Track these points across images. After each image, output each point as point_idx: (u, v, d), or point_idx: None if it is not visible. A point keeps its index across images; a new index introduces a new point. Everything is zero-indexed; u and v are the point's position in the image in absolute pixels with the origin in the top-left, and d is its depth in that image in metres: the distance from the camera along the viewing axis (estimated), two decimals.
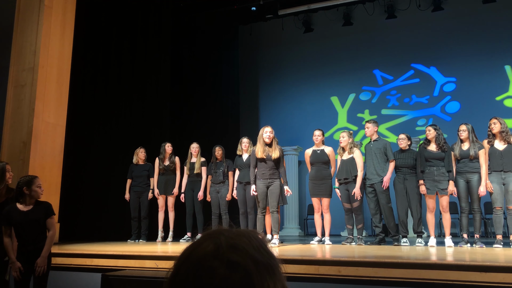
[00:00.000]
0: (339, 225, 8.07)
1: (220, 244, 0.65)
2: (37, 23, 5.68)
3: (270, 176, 5.13)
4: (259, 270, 0.63)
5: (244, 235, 0.68)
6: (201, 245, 0.66)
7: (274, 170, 5.15)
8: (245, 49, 10.59)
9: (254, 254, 0.65)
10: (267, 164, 5.13)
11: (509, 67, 8.89)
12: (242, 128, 9.72)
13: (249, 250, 0.65)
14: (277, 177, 5.15)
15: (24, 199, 3.27)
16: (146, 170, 6.57)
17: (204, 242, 0.66)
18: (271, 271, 0.65)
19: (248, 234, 0.69)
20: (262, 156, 5.11)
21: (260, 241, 0.68)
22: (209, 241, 0.66)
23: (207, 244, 0.65)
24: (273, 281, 0.64)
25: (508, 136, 5.06)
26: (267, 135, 5.12)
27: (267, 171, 5.13)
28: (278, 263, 0.68)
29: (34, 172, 4.80)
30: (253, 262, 0.63)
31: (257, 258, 0.64)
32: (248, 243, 0.66)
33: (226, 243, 0.65)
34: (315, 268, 3.38)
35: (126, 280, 3.36)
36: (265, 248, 0.68)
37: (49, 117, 5.68)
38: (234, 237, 0.67)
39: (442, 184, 5.20)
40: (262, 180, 5.15)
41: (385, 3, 9.58)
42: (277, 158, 5.11)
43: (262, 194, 5.15)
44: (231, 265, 0.62)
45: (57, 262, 4.12)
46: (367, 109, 9.84)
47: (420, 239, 5.37)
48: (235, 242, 0.65)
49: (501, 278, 2.88)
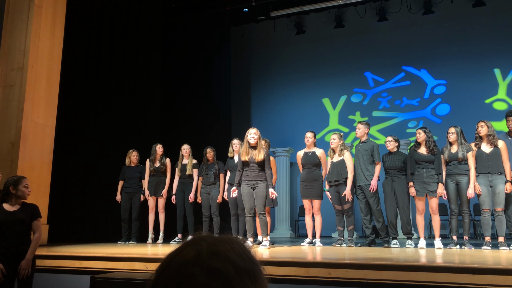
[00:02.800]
0: (330, 227, 8.10)
1: (201, 250, 0.64)
2: (27, 23, 5.63)
3: (254, 178, 5.06)
4: (240, 276, 0.62)
5: (226, 242, 0.67)
6: (182, 252, 0.65)
7: (259, 172, 5.06)
8: (237, 50, 10.58)
9: (235, 260, 0.64)
10: (251, 167, 5.08)
11: (498, 70, 8.99)
12: (234, 129, 9.71)
13: (231, 256, 0.64)
14: (263, 179, 5.07)
15: (11, 198, 3.24)
16: (139, 172, 6.54)
17: (185, 249, 0.65)
18: (253, 277, 0.64)
19: (231, 240, 0.68)
20: (245, 158, 5.07)
21: (242, 247, 0.68)
22: (190, 247, 0.65)
23: (188, 251, 0.64)
24: (255, 287, 0.64)
25: (495, 139, 5.11)
26: (251, 137, 5.06)
27: (251, 174, 5.07)
28: (261, 269, 0.67)
29: (23, 173, 4.74)
30: (234, 268, 0.62)
31: (239, 264, 0.63)
32: (230, 249, 0.65)
33: (207, 250, 0.64)
34: (305, 270, 3.38)
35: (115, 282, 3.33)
36: (248, 254, 0.67)
37: (38, 117, 5.63)
38: (215, 243, 0.66)
39: (431, 186, 5.24)
40: (246, 182, 5.10)
41: (376, 5, 9.64)
42: (261, 161, 5.03)
43: (247, 195, 5.10)
44: (212, 272, 0.61)
45: (45, 264, 4.07)
46: (359, 111, 9.88)
47: (410, 240, 5.40)
48: (216, 249, 0.64)
49: (490, 280, 2.91)
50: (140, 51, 8.07)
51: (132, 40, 8.00)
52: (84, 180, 6.95)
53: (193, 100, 9.12)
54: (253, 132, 5.09)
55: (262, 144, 5.15)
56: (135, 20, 8.11)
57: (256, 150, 5.05)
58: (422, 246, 5.13)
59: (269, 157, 5.22)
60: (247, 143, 5.08)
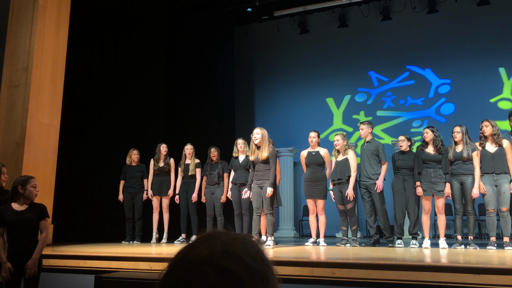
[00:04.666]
0: (334, 227, 8.08)
1: (215, 249, 0.63)
2: (31, 23, 5.65)
3: (261, 177, 5.15)
4: (252, 279, 0.61)
5: (240, 241, 0.65)
6: (195, 249, 0.64)
7: (266, 171, 5.14)
8: (241, 50, 10.58)
9: (249, 262, 0.62)
10: (258, 166, 5.19)
11: (503, 69, 8.94)
12: (237, 129, 9.70)
13: (244, 257, 0.63)
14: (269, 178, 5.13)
15: (19, 198, 3.27)
16: (140, 171, 6.55)
17: (199, 246, 0.64)
18: (265, 281, 0.63)
19: (245, 240, 0.66)
20: (252, 158, 5.21)
21: (257, 249, 0.66)
22: (204, 245, 0.64)
23: (201, 249, 0.63)
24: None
25: (500, 138, 5.09)
26: (254, 137, 5.16)
27: (258, 173, 5.17)
28: (274, 273, 0.66)
29: (28, 173, 4.76)
30: (247, 270, 0.61)
31: (252, 266, 0.62)
32: (244, 249, 0.64)
33: (221, 249, 0.63)
34: (309, 270, 3.37)
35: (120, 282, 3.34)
36: (262, 256, 0.66)
37: (43, 117, 5.65)
38: (229, 242, 0.64)
39: (438, 186, 5.22)
40: (254, 181, 5.22)
41: (380, 5, 9.61)
42: (265, 159, 5.10)
43: (255, 194, 5.18)
44: (224, 272, 0.60)
45: (50, 264, 4.09)
46: (363, 111, 9.86)
47: (415, 240, 5.38)
48: (230, 248, 0.63)
49: (495, 280, 2.89)
50: (144, 51, 8.08)
51: (136, 40, 8.01)
52: (89, 179, 6.97)
53: (197, 100, 9.13)
54: (256, 132, 5.14)
55: (267, 142, 5.17)
56: (139, 20, 8.13)
57: (260, 149, 5.12)
58: (427, 246, 5.11)
59: (274, 155, 5.23)
60: (253, 143, 5.17)
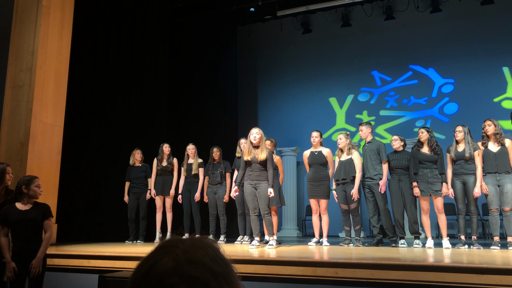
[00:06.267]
0: (337, 226, 8.08)
1: (178, 258, 0.65)
2: (35, 24, 5.67)
3: (256, 178, 5.08)
4: (217, 281, 0.65)
5: (199, 246, 0.69)
6: (159, 261, 0.66)
7: (261, 172, 5.08)
8: (244, 50, 10.58)
9: (211, 265, 0.66)
10: (253, 166, 5.10)
11: (507, 69, 8.91)
12: (240, 129, 9.70)
13: (207, 262, 0.66)
14: (265, 179, 5.07)
15: (23, 198, 3.28)
16: (144, 171, 6.57)
17: (162, 258, 0.66)
18: (228, 279, 0.67)
19: (204, 244, 0.70)
20: (247, 158, 5.11)
21: (216, 250, 0.70)
22: (167, 256, 0.66)
23: (165, 260, 0.65)
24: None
25: (502, 138, 5.07)
26: (253, 137, 5.10)
27: (253, 173, 5.10)
28: (233, 270, 0.70)
29: (32, 173, 4.79)
30: (211, 274, 0.65)
31: (215, 269, 0.66)
32: (204, 254, 0.67)
33: (184, 258, 0.65)
34: (312, 270, 3.37)
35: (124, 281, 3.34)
36: (221, 257, 0.70)
37: (46, 117, 5.67)
38: (190, 250, 0.67)
39: (436, 186, 5.22)
40: (249, 182, 5.13)
41: (383, 4, 9.59)
42: (263, 160, 5.05)
43: (250, 195, 5.13)
44: (191, 280, 0.63)
45: (54, 263, 4.11)
46: (366, 110, 9.85)
47: (418, 240, 5.37)
48: (192, 256, 0.66)
49: (498, 280, 2.89)
50: (147, 51, 8.09)
51: (139, 40, 8.03)
52: (92, 179, 7.00)
53: (200, 99, 9.14)
54: (255, 132, 5.12)
55: (265, 143, 5.16)
56: (142, 20, 8.14)
57: (258, 150, 5.08)
58: (430, 246, 5.10)
59: (272, 157, 5.23)
60: (250, 143, 5.12)
